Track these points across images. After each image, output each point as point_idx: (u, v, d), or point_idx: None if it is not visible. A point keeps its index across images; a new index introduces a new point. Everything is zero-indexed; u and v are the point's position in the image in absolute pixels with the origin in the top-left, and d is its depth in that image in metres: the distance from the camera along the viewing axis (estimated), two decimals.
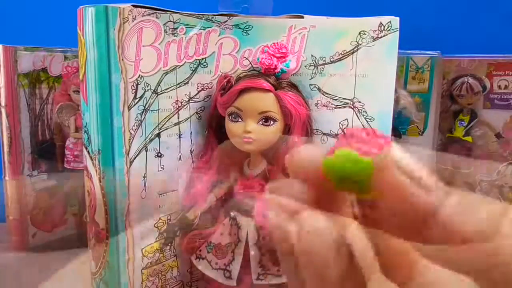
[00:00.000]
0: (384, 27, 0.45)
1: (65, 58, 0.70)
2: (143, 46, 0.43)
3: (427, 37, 0.76)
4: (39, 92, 0.69)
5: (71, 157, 0.71)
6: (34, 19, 0.80)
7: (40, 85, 0.69)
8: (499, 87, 0.69)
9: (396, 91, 0.67)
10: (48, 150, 0.71)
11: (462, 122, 0.71)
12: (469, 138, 0.71)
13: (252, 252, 0.48)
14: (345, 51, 0.46)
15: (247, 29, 0.47)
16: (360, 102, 0.46)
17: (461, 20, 0.78)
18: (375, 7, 0.75)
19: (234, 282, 0.49)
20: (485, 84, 0.69)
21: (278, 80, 0.47)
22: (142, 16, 0.43)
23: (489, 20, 0.77)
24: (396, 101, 0.68)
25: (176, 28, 0.44)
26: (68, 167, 0.71)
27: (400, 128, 0.69)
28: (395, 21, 0.45)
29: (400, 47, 0.46)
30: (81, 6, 0.43)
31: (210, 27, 0.46)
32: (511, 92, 0.69)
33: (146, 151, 0.45)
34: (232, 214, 0.49)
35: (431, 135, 0.69)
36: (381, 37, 0.45)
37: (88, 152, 0.45)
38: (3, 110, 0.67)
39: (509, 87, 0.68)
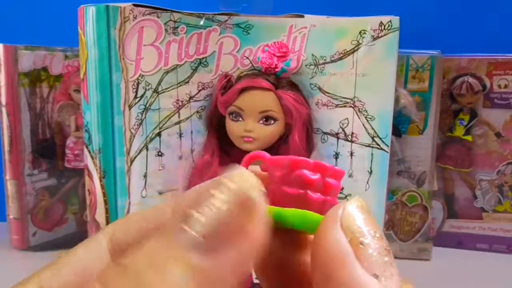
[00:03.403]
0: (384, 26, 0.45)
1: (66, 57, 0.70)
2: (144, 45, 0.43)
3: (427, 37, 0.76)
4: (39, 91, 0.69)
5: (72, 156, 0.71)
6: (34, 18, 0.80)
7: (40, 84, 0.69)
8: (499, 86, 0.69)
9: (396, 90, 0.67)
10: (49, 149, 0.71)
11: (462, 121, 0.71)
12: (469, 137, 0.71)
13: None
14: (345, 50, 0.46)
15: (247, 29, 0.47)
16: (360, 101, 0.47)
17: (461, 19, 0.78)
18: (375, 6, 0.75)
19: None
20: (485, 83, 0.69)
21: (279, 79, 0.47)
22: (143, 16, 0.43)
23: (489, 19, 0.77)
24: (396, 100, 0.68)
25: (177, 27, 0.45)
26: (69, 166, 0.71)
27: (400, 127, 0.69)
28: (396, 20, 0.45)
29: (400, 47, 0.46)
30: (82, 6, 0.43)
31: (211, 26, 0.46)
32: (511, 91, 0.69)
33: (147, 150, 0.45)
34: None
35: (431, 134, 0.69)
36: (381, 36, 0.45)
37: (89, 151, 0.45)
38: (3, 109, 0.67)
39: (509, 86, 0.69)
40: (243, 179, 0.16)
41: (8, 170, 0.68)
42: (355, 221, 0.16)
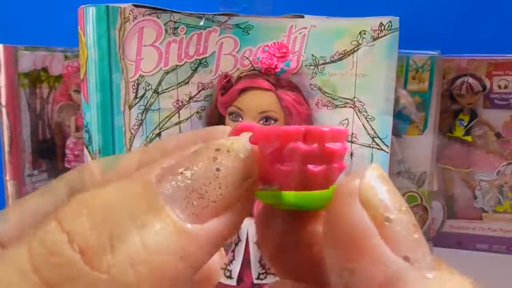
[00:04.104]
0: (384, 27, 0.46)
1: (66, 57, 0.70)
2: (144, 45, 0.43)
3: (427, 37, 0.76)
4: (39, 91, 0.69)
5: (72, 156, 0.71)
6: (34, 18, 0.81)
7: (40, 84, 0.69)
8: (499, 86, 0.69)
9: (396, 91, 0.67)
10: (49, 150, 0.71)
11: (462, 122, 0.71)
12: (469, 138, 0.71)
13: (252, 252, 0.48)
14: (345, 51, 0.47)
15: (247, 29, 0.47)
16: (360, 101, 0.47)
17: (461, 20, 0.78)
18: (375, 7, 0.75)
19: (234, 281, 0.50)
20: (485, 84, 0.69)
21: (278, 80, 0.47)
22: (143, 16, 0.43)
23: (489, 20, 0.77)
24: (396, 100, 0.68)
25: (177, 28, 0.45)
26: (69, 166, 0.71)
27: (400, 127, 0.69)
28: (395, 21, 0.46)
29: (400, 47, 0.46)
30: (82, 6, 0.43)
31: (211, 26, 0.46)
32: (511, 91, 0.69)
33: None
34: None
35: (431, 134, 0.69)
36: (381, 37, 0.46)
37: (89, 152, 0.45)
38: (3, 110, 0.67)
39: (509, 87, 0.69)
40: (244, 149, 0.15)
41: (8, 170, 0.68)
42: (378, 194, 0.13)
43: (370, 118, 0.47)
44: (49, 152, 0.71)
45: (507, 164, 0.70)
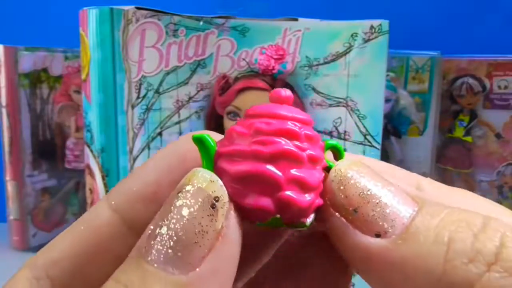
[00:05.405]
0: (375, 29, 0.49)
1: (66, 58, 0.72)
2: (146, 47, 0.46)
3: (427, 37, 0.78)
4: (39, 92, 0.71)
5: (72, 157, 0.73)
6: (34, 19, 0.82)
7: (40, 85, 0.71)
8: (499, 87, 0.71)
9: (396, 91, 0.71)
10: (49, 150, 0.73)
11: (462, 122, 0.73)
12: (469, 138, 0.73)
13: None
14: (338, 52, 0.50)
15: (244, 31, 0.50)
16: (352, 100, 0.50)
17: (461, 20, 0.80)
18: (375, 7, 0.78)
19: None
20: (485, 84, 0.71)
21: (275, 81, 0.50)
22: (145, 18, 0.46)
23: (489, 20, 0.79)
24: (396, 101, 0.71)
25: (177, 30, 0.48)
26: (69, 167, 0.74)
27: (400, 128, 0.72)
28: (385, 23, 0.49)
29: (400, 47, 0.49)
30: (84, 8, 0.46)
31: (209, 29, 0.49)
32: (510, 92, 0.71)
33: (149, 149, 0.48)
34: None
35: (431, 135, 0.71)
36: (372, 39, 0.49)
37: (91, 151, 0.48)
38: (4, 110, 0.69)
39: (509, 87, 0.70)
40: (201, 178, 0.15)
41: (8, 171, 0.70)
42: (339, 196, 0.16)
43: (362, 117, 0.50)
44: (49, 153, 0.73)
45: (507, 165, 0.72)
